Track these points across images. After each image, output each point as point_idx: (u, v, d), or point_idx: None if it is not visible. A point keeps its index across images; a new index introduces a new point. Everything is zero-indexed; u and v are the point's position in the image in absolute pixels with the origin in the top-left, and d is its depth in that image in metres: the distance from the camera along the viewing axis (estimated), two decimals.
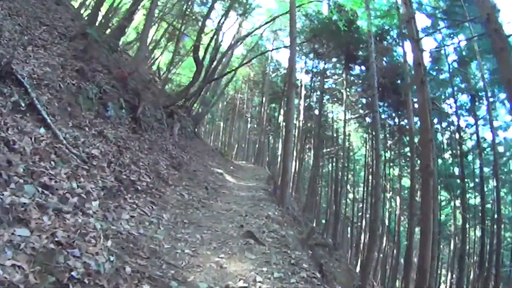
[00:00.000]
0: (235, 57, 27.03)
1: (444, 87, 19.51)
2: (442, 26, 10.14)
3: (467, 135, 19.01)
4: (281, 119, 30.25)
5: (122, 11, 16.93)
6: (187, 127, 16.03)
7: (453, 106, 19.14)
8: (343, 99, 22.75)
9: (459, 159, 17.80)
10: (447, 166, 19.99)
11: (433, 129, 15.56)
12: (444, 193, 20.80)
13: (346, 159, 22.22)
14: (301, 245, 5.71)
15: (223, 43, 20.15)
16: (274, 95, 29.74)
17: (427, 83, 8.97)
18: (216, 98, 23.41)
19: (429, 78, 15.63)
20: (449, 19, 15.71)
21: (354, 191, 31.82)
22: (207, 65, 17.85)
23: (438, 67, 19.50)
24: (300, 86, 24.29)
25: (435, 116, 18.76)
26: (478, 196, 18.04)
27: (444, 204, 21.17)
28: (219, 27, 18.19)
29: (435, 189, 7.43)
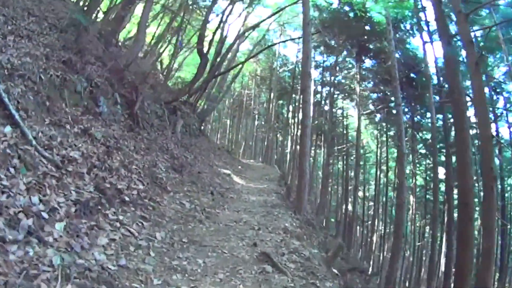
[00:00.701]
0: (241, 52, 26.08)
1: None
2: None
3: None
4: (290, 115, 29.33)
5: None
6: (191, 124, 15.02)
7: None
8: (354, 94, 21.67)
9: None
10: None
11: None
12: None
13: (359, 157, 21.05)
14: (326, 266, 4.63)
15: (228, 38, 19.17)
16: (282, 91, 28.76)
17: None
18: (223, 94, 22.40)
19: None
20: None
21: (365, 189, 30.72)
22: (212, 59, 16.83)
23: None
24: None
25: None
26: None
27: None
28: (224, 19, 17.20)
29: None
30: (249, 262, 3.93)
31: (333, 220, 27.92)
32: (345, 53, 22.49)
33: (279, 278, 3.58)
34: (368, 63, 22.11)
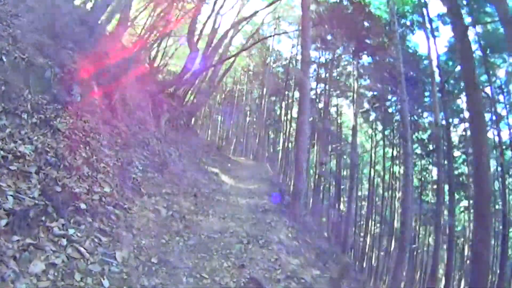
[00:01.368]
0: (234, 46, 25.21)
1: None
2: None
3: None
4: (282, 112, 28.55)
5: None
6: (179, 118, 14.09)
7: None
8: (350, 91, 20.93)
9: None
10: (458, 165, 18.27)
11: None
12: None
13: (356, 156, 20.34)
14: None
15: (221, 30, 18.24)
16: (275, 86, 27.91)
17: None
18: (213, 88, 21.43)
19: None
20: None
21: (357, 189, 30.14)
22: (203, 50, 15.90)
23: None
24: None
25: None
26: None
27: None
28: (217, 10, 16.29)
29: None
30: None
31: (324, 220, 27.31)
32: (341, 49, 21.73)
33: None
34: (365, 59, 21.42)
